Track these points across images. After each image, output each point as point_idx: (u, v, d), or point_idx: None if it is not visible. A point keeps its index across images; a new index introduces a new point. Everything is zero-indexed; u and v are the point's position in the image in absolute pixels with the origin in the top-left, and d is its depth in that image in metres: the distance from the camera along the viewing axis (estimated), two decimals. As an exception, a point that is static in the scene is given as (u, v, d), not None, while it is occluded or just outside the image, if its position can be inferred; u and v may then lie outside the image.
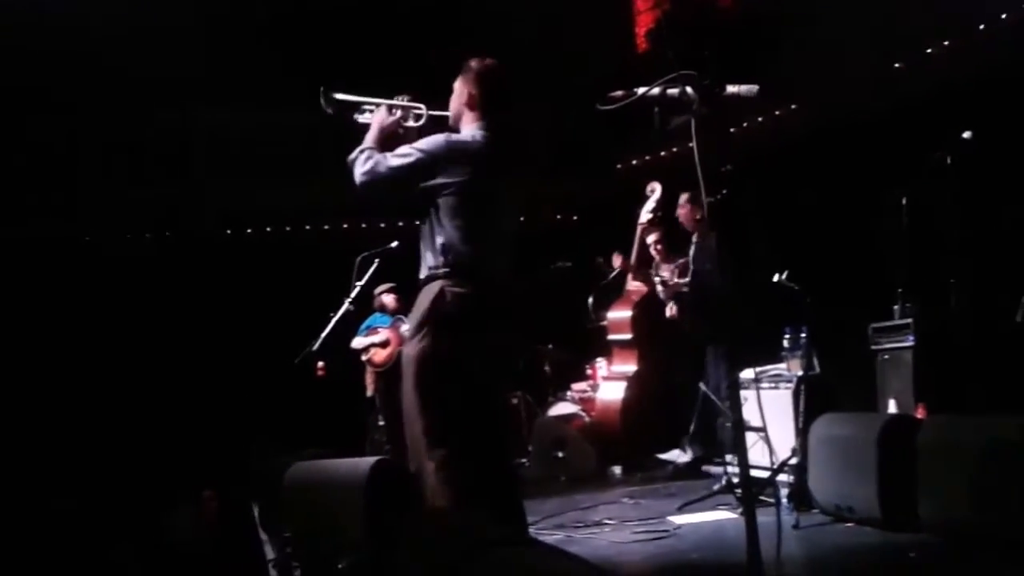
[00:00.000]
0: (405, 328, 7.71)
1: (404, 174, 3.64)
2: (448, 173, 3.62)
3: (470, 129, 3.75)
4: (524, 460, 8.11)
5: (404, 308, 7.94)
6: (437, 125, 3.88)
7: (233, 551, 4.38)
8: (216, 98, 10.06)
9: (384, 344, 8.00)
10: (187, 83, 9.65)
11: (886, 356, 6.15)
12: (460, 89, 3.81)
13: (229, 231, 10.60)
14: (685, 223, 6.70)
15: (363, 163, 3.65)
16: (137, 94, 9.63)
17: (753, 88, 2.89)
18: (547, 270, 8.16)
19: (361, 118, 3.89)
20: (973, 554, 3.75)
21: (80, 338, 8.96)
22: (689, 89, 2.90)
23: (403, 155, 3.66)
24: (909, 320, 5.86)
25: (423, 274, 3.70)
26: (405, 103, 3.89)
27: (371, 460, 4.65)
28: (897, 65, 8.11)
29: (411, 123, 3.89)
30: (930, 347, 5.72)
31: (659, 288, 6.78)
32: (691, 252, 6.53)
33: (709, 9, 9.94)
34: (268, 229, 10.73)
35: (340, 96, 3.85)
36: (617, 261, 7.74)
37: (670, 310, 6.74)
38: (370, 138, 3.75)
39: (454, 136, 3.73)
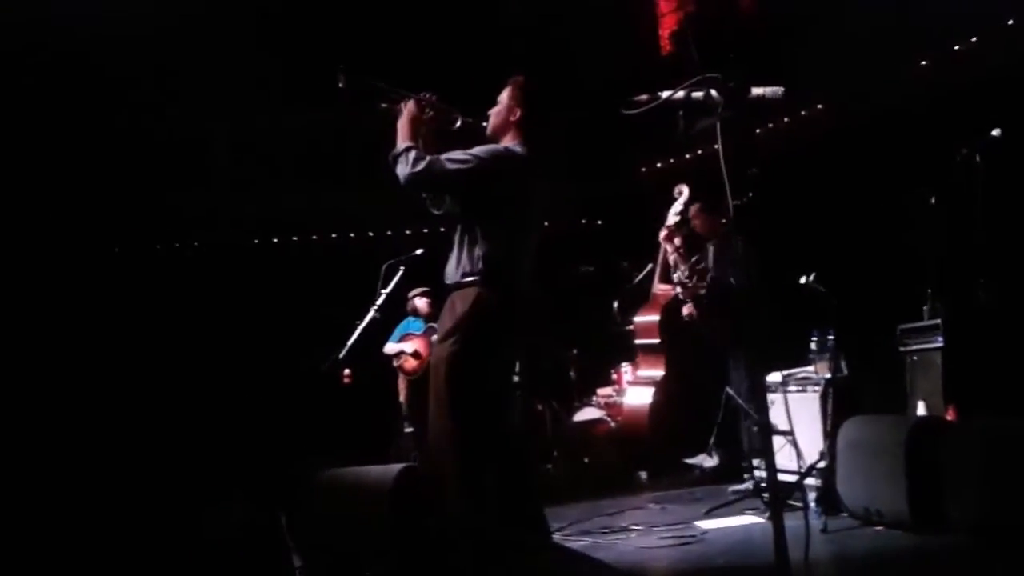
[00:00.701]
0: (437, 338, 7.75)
1: (460, 179, 3.70)
2: (499, 183, 3.70)
3: (512, 143, 3.82)
4: (549, 465, 8.11)
5: (437, 313, 7.95)
6: (470, 131, 3.92)
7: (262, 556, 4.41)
8: (239, 104, 10.12)
9: (415, 355, 8.04)
10: (210, 89, 9.70)
11: (915, 357, 6.08)
12: (507, 103, 3.89)
13: (256, 240, 10.66)
14: (701, 231, 6.68)
15: (413, 162, 3.66)
16: (157, 99, 9.70)
17: (778, 90, 2.88)
18: (571, 275, 8.14)
19: (383, 106, 3.89)
20: (1003, 556, 3.70)
21: (114, 345, 9.04)
22: (713, 92, 2.89)
23: (460, 160, 3.71)
24: (938, 321, 5.80)
25: (455, 279, 3.74)
26: (440, 104, 3.91)
27: (398, 467, 4.66)
28: (924, 62, 8.04)
29: (449, 126, 3.93)
30: (960, 348, 5.66)
31: (678, 290, 6.76)
32: (709, 257, 6.49)
33: (732, 10, 9.90)
34: (294, 238, 10.78)
35: (358, 79, 3.82)
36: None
37: (687, 310, 6.72)
38: (408, 135, 3.76)
39: (509, 148, 3.80)
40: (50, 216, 9.10)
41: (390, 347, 8.11)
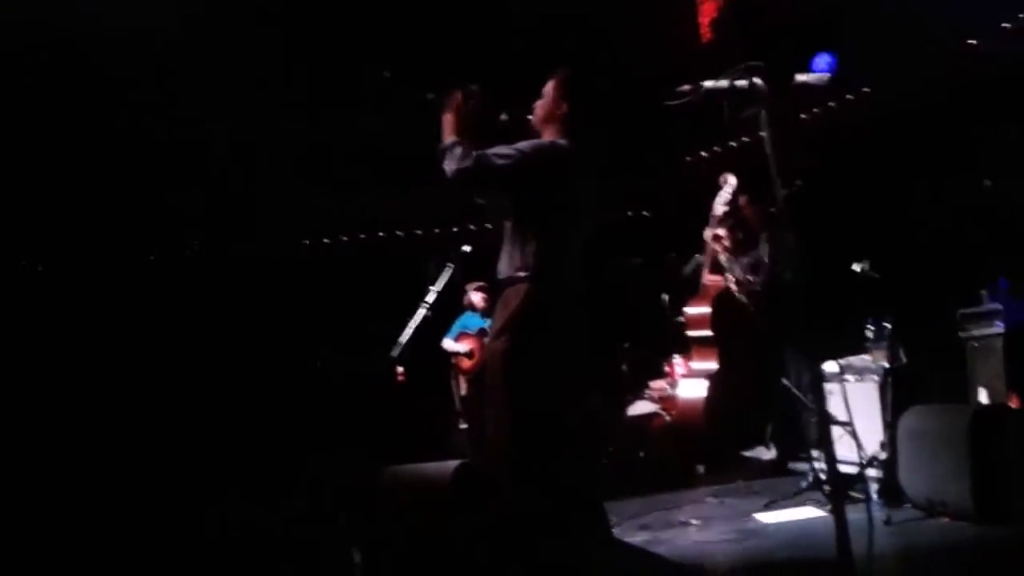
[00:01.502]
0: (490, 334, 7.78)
1: (507, 174, 3.68)
2: (546, 178, 3.69)
3: (558, 136, 3.81)
4: (604, 460, 8.08)
5: (492, 307, 7.97)
6: (515, 125, 3.91)
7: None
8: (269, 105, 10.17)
9: (468, 355, 8.09)
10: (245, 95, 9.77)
11: (975, 344, 5.96)
12: (551, 97, 3.87)
13: (307, 241, 10.76)
14: (752, 223, 6.58)
15: (460, 157, 3.64)
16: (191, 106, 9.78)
17: (824, 76, 2.83)
18: (619, 267, 8.10)
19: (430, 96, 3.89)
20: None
21: (177, 347, 9.20)
22: (757, 80, 2.85)
23: (506, 155, 3.69)
24: (999, 306, 5.67)
25: (507, 274, 3.75)
26: (485, 98, 3.91)
27: (455, 463, 4.68)
28: (972, 41, 7.85)
29: (494, 119, 3.93)
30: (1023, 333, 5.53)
31: (732, 286, 6.65)
32: (762, 249, 6.39)
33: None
34: (344, 238, 10.86)
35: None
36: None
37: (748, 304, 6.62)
38: (455, 129, 3.75)
39: (556, 143, 3.78)
40: (88, 221, 9.27)
41: (448, 343, 8.17)
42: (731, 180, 6.86)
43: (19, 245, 9.09)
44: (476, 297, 8.13)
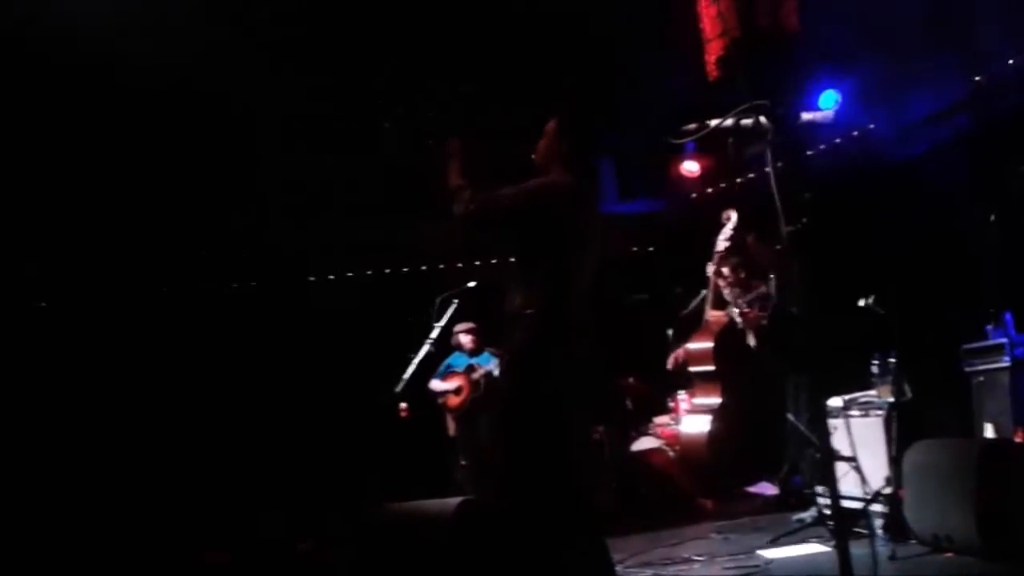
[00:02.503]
0: (478, 373, 7.81)
1: (512, 213, 3.77)
2: (551, 215, 3.75)
3: (561, 174, 3.86)
4: (609, 496, 8.04)
5: (481, 348, 8.02)
6: (519, 164, 3.98)
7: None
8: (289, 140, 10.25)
9: (457, 391, 8.08)
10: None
11: (981, 378, 5.95)
12: (553, 135, 3.95)
13: (312, 277, 10.80)
14: (760, 261, 6.60)
15: (466, 201, 3.76)
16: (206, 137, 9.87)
17: (828, 115, 2.87)
18: (625, 302, 8.12)
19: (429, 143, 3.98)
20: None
21: (176, 382, 9.22)
22: (763, 118, 2.89)
23: (511, 196, 3.78)
24: (1004, 340, 5.68)
25: (514, 309, 3.77)
26: (486, 140, 3.99)
27: (457, 500, 4.67)
28: (977, 79, 7.93)
29: (497, 159, 4.00)
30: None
31: (737, 320, 6.66)
32: (772, 285, 6.40)
33: (778, 34, 9.85)
34: (350, 273, 10.90)
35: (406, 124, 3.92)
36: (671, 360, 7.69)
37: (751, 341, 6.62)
38: (459, 174, 3.86)
39: (559, 180, 3.85)
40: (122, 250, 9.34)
41: (435, 385, 8.15)
42: (733, 216, 6.91)
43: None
44: (465, 338, 8.14)
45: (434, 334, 6.61)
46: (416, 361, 6.47)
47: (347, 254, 10.79)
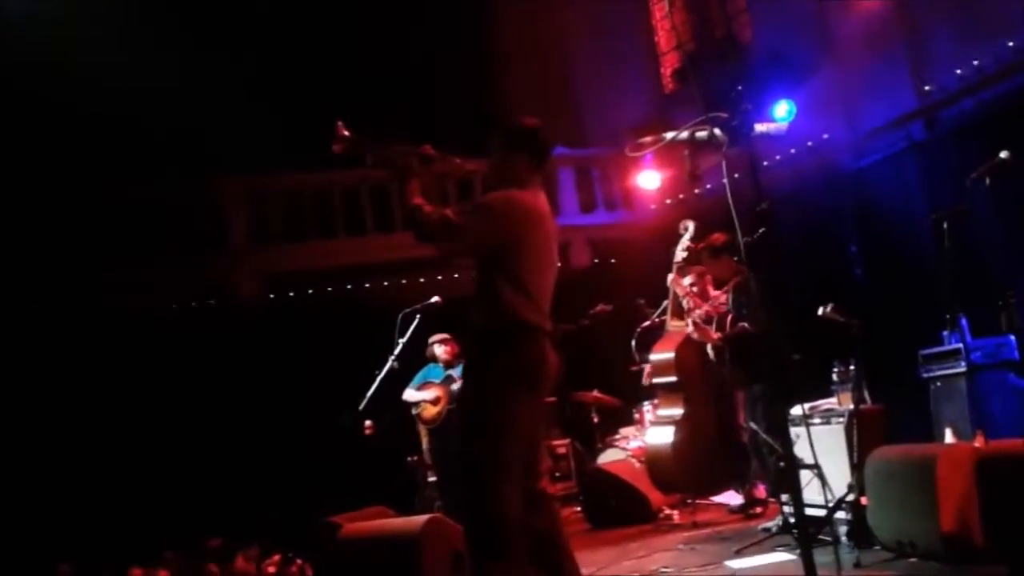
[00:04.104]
0: (457, 384, 7.76)
1: (471, 231, 3.74)
2: (509, 229, 3.75)
3: (515, 187, 3.85)
4: (578, 508, 8.04)
5: (457, 359, 7.97)
6: (471, 178, 3.98)
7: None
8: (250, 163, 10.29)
9: (435, 401, 8.02)
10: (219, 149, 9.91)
11: (938, 383, 6.03)
12: (506, 147, 3.95)
13: (272, 295, 10.74)
14: (716, 275, 6.58)
15: (424, 222, 3.72)
16: (170, 162, 9.90)
17: (782, 126, 2.90)
18: (587, 315, 8.12)
19: (374, 160, 3.95)
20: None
21: (139, 405, 9.14)
22: (717, 131, 2.91)
23: (468, 212, 3.78)
24: (959, 346, 5.75)
25: (476, 323, 3.77)
26: (440, 155, 3.97)
27: (424, 518, 4.63)
28: (927, 88, 8.08)
29: (452, 175, 4.00)
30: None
31: (694, 332, 6.62)
32: (729, 299, 6.41)
33: (732, 45, 9.98)
34: (310, 291, 10.85)
35: (352, 134, 3.87)
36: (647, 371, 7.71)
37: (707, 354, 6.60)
38: (416, 193, 3.82)
39: (511, 194, 3.83)
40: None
41: (410, 394, 8.07)
42: (691, 226, 6.94)
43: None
44: (440, 349, 8.08)
45: (397, 351, 6.56)
46: (379, 378, 6.41)
47: (304, 274, 10.79)
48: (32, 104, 9.11)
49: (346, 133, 3.82)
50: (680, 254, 6.90)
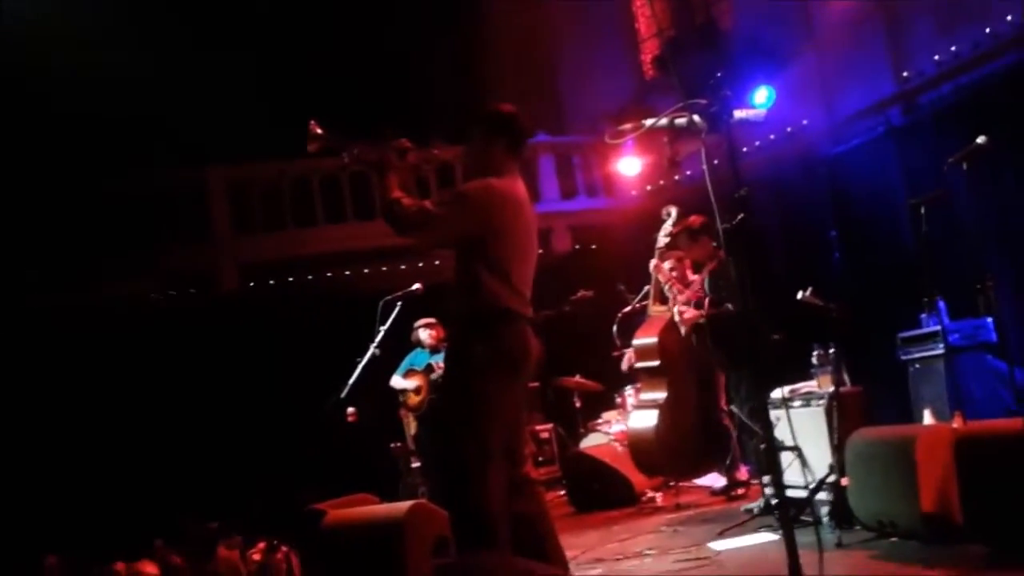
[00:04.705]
0: (436, 374, 7.78)
1: (450, 221, 3.75)
2: (489, 217, 3.76)
3: (493, 175, 3.85)
4: (562, 492, 8.08)
5: (441, 343, 8.00)
6: (449, 168, 3.99)
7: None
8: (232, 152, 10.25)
9: (416, 391, 8.04)
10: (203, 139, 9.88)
11: (917, 365, 6.09)
12: (483, 135, 3.94)
13: (252, 283, 10.71)
14: (693, 259, 6.64)
15: (403, 215, 3.72)
16: (153, 153, 9.87)
17: (760, 113, 2.92)
18: (569, 301, 8.15)
19: (350, 158, 3.93)
20: (1020, 563, 3.69)
21: (124, 396, 9.11)
22: (696, 117, 2.93)
23: (448, 203, 3.79)
24: (937, 328, 5.81)
25: (458, 311, 3.78)
26: (415, 147, 3.97)
27: (408, 504, 4.64)
28: (905, 74, 8.13)
29: (428, 166, 4.00)
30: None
31: (676, 318, 6.67)
32: (705, 282, 6.44)
33: (712, 32, 10.00)
34: (291, 279, 10.83)
35: (325, 132, 3.86)
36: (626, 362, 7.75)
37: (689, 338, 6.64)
38: (393, 187, 3.81)
39: (490, 181, 3.83)
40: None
41: (396, 381, 8.12)
42: (673, 212, 6.97)
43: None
44: (424, 334, 8.10)
45: (379, 338, 6.57)
46: (361, 365, 6.42)
47: (285, 263, 10.77)
48: (11, 94, 9.03)
49: (319, 131, 3.81)
50: (663, 240, 6.92)
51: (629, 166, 9.06)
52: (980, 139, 5.07)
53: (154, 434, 8.99)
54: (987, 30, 7.46)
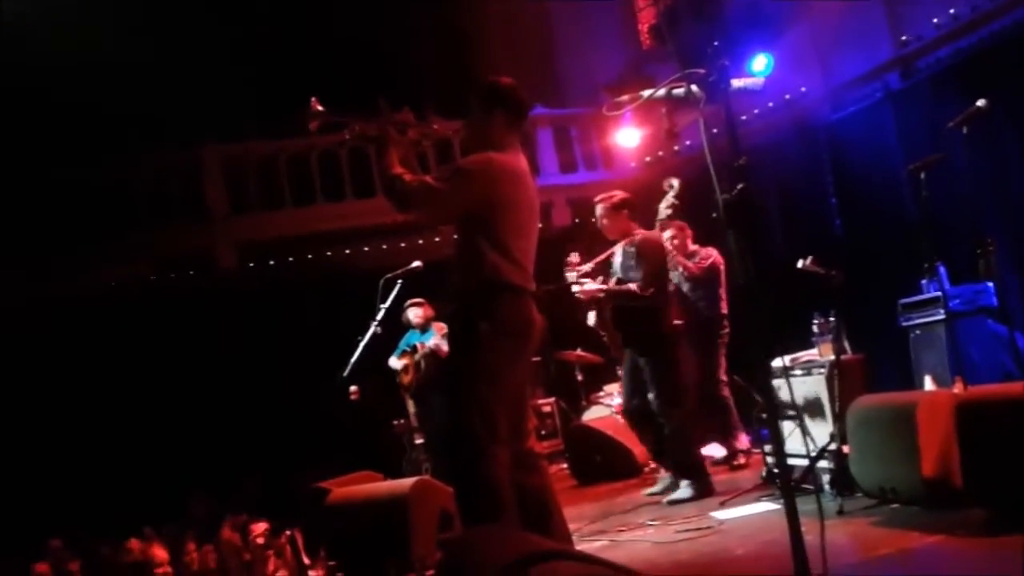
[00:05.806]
0: (419, 354, 7.82)
1: (452, 195, 3.74)
2: (490, 190, 3.74)
3: (493, 148, 3.81)
4: (564, 465, 8.12)
5: (429, 322, 8.02)
6: (448, 143, 3.98)
7: None
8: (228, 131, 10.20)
9: (405, 371, 8.09)
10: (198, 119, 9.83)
11: (918, 331, 6.09)
12: (482, 109, 3.92)
13: (251, 263, 10.70)
14: (610, 233, 6.35)
15: (404, 191, 3.70)
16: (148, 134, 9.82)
17: (759, 81, 2.90)
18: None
19: (351, 134, 3.92)
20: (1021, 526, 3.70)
21: (124, 377, 9.13)
22: (694, 87, 2.91)
23: (448, 178, 3.76)
24: (938, 294, 5.80)
25: (460, 286, 3.77)
26: (415, 121, 3.95)
27: (412, 480, 4.66)
28: (903, 38, 8.07)
29: (427, 140, 3.99)
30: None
31: (576, 292, 6.45)
32: (615, 260, 6.28)
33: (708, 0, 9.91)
34: (290, 258, 10.81)
35: (326, 109, 3.84)
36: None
37: (592, 319, 6.47)
38: (394, 162, 3.79)
39: (490, 155, 3.81)
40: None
41: (392, 362, 8.18)
42: (675, 184, 6.93)
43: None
44: (412, 313, 8.13)
45: (379, 316, 6.57)
46: (362, 344, 6.43)
47: (285, 242, 10.75)
48: (2, 78, 8.98)
49: (320, 108, 3.80)
50: (664, 211, 6.89)
51: (628, 138, 9.00)
52: (980, 102, 5.03)
53: (156, 415, 9.03)
54: (985, -8, 7.41)
